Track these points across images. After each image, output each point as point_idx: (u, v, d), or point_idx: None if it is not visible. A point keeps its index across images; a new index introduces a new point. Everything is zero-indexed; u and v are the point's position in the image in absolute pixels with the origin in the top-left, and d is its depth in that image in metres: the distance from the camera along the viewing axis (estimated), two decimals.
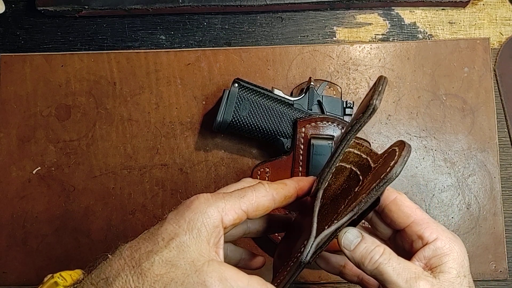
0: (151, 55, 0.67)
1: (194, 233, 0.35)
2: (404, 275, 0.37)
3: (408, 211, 0.40)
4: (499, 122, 0.65)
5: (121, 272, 0.35)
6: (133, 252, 0.35)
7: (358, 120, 0.36)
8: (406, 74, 0.66)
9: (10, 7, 0.70)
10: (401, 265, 0.38)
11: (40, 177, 0.66)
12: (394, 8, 0.68)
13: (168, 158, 0.66)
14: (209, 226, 0.36)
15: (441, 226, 0.40)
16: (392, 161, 0.36)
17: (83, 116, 0.67)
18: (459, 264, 0.38)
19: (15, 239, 0.65)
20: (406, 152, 0.36)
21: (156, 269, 0.34)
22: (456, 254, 0.39)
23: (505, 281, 0.63)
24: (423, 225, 0.40)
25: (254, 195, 0.39)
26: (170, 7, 0.67)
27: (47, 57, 0.68)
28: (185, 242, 0.35)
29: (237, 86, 0.60)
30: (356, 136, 0.40)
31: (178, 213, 0.37)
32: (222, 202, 0.37)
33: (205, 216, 0.36)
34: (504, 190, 0.64)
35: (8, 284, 0.64)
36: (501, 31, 0.68)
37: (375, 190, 0.35)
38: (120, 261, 0.35)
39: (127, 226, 0.65)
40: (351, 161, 0.41)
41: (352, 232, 0.39)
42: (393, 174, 0.35)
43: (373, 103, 0.34)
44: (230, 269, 0.35)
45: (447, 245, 0.39)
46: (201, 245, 0.35)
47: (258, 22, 0.69)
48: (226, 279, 0.34)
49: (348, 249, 0.39)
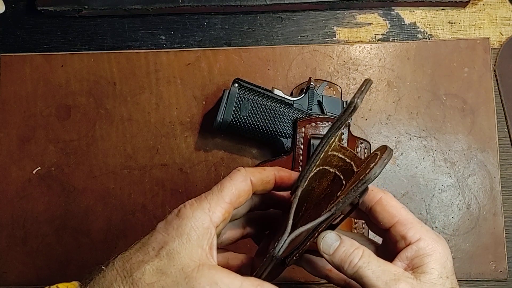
0: (151, 55, 0.67)
1: (183, 239, 0.36)
2: (383, 277, 0.37)
3: (393, 211, 0.40)
4: (499, 122, 0.65)
5: (114, 282, 0.35)
6: (125, 262, 0.36)
7: (339, 118, 0.36)
8: (406, 74, 0.66)
9: (10, 7, 0.70)
10: (381, 268, 0.37)
11: (40, 177, 0.66)
12: (394, 8, 0.68)
13: (168, 158, 0.66)
14: (199, 229, 0.36)
15: (425, 227, 0.40)
16: (373, 163, 0.36)
17: (83, 116, 0.67)
18: (441, 265, 0.38)
19: (15, 239, 0.65)
20: (386, 155, 0.36)
21: (147, 278, 0.35)
22: (438, 255, 0.38)
23: (505, 281, 0.63)
24: (407, 225, 0.39)
25: (232, 184, 0.39)
26: (170, 7, 0.67)
27: (47, 57, 0.68)
28: (175, 249, 0.35)
29: (237, 86, 0.60)
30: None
31: (166, 222, 0.37)
32: (206, 202, 0.37)
33: (192, 220, 0.36)
34: (504, 190, 0.64)
35: (8, 284, 0.64)
36: (501, 31, 0.68)
37: (353, 190, 0.36)
38: (113, 272, 0.36)
39: (127, 226, 0.65)
40: (335, 165, 0.41)
41: (330, 236, 0.39)
42: (371, 175, 0.35)
43: (354, 101, 0.35)
44: (222, 272, 0.35)
45: (430, 246, 0.38)
46: (192, 250, 0.35)
47: (258, 22, 0.69)
48: (216, 283, 0.34)
49: (327, 253, 0.39)
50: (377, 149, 0.39)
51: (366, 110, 0.66)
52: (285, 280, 0.63)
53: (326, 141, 0.38)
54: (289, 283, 0.63)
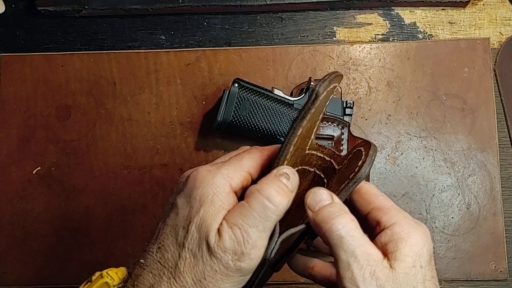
0: (151, 55, 0.67)
1: (207, 206, 0.34)
2: (361, 260, 0.33)
3: (369, 198, 0.38)
4: (499, 122, 0.65)
5: (161, 277, 0.34)
6: (164, 253, 0.35)
7: (303, 107, 0.36)
8: (406, 74, 0.66)
9: (10, 7, 0.70)
10: (363, 248, 0.34)
11: (40, 177, 0.66)
12: (394, 8, 0.68)
13: (168, 158, 0.66)
14: (221, 194, 0.35)
15: (403, 213, 0.37)
16: (359, 161, 0.35)
17: (83, 116, 0.67)
18: (416, 253, 0.34)
19: (15, 239, 0.65)
20: (373, 152, 0.35)
21: (187, 262, 0.34)
22: (414, 241, 0.35)
23: (505, 281, 0.63)
24: (383, 211, 0.37)
25: (251, 156, 0.38)
26: (170, 7, 0.67)
27: (47, 57, 0.68)
28: (202, 218, 0.34)
29: (237, 86, 0.60)
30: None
31: (186, 195, 0.36)
32: (225, 169, 0.36)
33: (213, 187, 0.35)
34: (504, 190, 0.64)
35: (8, 284, 0.64)
36: (501, 31, 0.68)
37: (345, 191, 0.35)
38: (156, 265, 0.35)
39: (127, 226, 0.65)
40: (314, 164, 0.40)
41: (321, 192, 0.36)
42: (362, 174, 0.34)
43: (315, 89, 0.35)
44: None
45: (405, 230, 0.35)
46: (219, 215, 0.34)
47: (258, 22, 0.69)
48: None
49: (312, 209, 0.35)
50: (359, 145, 0.38)
51: (366, 110, 0.66)
52: (285, 280, 0.63)
53: (293, 133, 0.36)
54: (289, 283, 0.63)
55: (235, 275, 0.34)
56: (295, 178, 0.36)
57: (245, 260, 0.33)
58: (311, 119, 0.37)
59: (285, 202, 0.34)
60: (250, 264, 0.34)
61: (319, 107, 0.37)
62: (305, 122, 0.36)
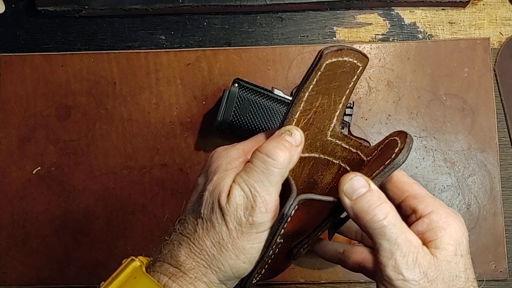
0: (151, 55, 0.67)
1: (219, 173, 0.36)
2: (404, 248, 0.33)
3: (403, 186, 0.37)
4: (499, 122, 0.65)
5: (180, 244, 0.36)
6: (185, 224, 0.36)
7: (308, 69, 0.36)
8: (406, 74, 0.66)
9: (10, 7, 0.70)
10: (404, 235, 0.34)
11: (40, 177, 0.66)
12: (394, 8, 0.68)
13: (168, 158, 0.66)
14: (234, 162, 0.36)
15: (438, 201, 0.36)
16: (396, 148, 0.34)
17: (83, 116, 0.67)
18: (456, 241, 0.34)
19: (15, 239, 0.65)
20: (410, 140, 0.35)
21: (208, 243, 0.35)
22: (453, 229, 0.35)
23: (505, 281, 0.63)
24: (419, 199, 0.36)
25: (267, 133, 0.39)
26: (170, 7, 0.67)
27: (47, 57, 0.68)
28: (214, 183, 0.36)
29: (237, 86, 0.60)
30: (354, 136, 0.40)
31: (204, 173, 0.38)
32: (240, 144, 0.38)
33: (228, 158, 0.37)
34: (504, 190, 0.64)
35: (8, 284, 0.64)
36: (501, 31, 0.68)
37: (380, 176, 0.34)
38: (178, 237, 0.36)
39: (127, 226, 0.65)
40: (339, 156, 0.39)
41: (358, 179, 0.34)
42: (400, 159, 0.33)
43: (320, 50, 0.36)
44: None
45: (443, 219, 0.35)
46: (228, 178, 0.35)
47: (258, 22, 0.69)
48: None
49: (349, 197, 0.34)
50: (392, 135, 0.37)
51: (366, 110, 0.66)
52: (285, 280, 0.63)
53: (297, 95, 0.37)
54: (289, 283, 0.63)
55: (250, 232, 0.34)
56: (299, 133, 0.36)
57: (256, 214, 0.34)
58: (324, 91, 0.36)
59: (285, 155, 0.35)
60: (263, 218, 0.34)
61: (330, 78, 0.36)
62: (307, 84, 0.35)
